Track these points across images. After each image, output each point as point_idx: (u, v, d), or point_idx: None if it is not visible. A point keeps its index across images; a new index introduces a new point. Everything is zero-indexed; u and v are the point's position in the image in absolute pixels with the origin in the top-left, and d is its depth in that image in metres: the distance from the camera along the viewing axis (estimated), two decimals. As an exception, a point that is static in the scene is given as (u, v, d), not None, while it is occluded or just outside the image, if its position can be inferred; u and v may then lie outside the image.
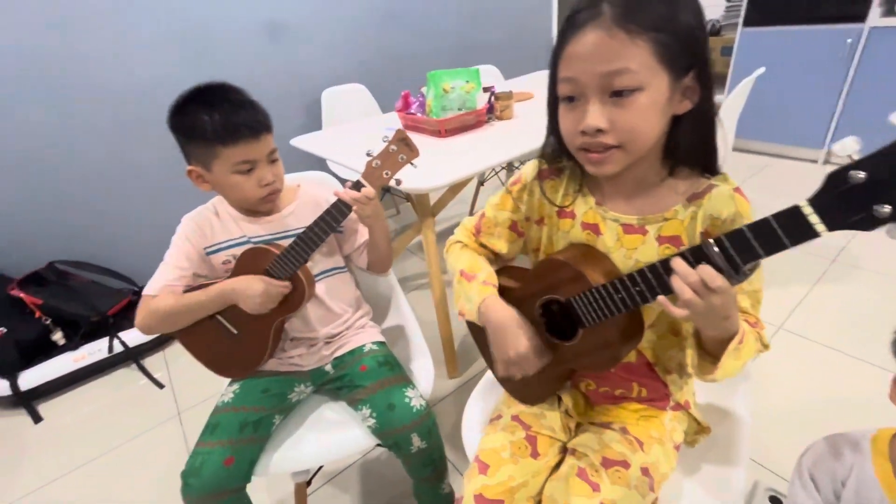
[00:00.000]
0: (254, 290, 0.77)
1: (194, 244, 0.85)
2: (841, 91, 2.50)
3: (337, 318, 0.93)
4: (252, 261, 0.81)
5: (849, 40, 2.39)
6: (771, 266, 1.67)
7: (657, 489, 0.63)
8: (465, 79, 1.43)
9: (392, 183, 0.81)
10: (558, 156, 0.63)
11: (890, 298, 1.60)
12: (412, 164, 0.81)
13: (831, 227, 0.38)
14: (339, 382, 0.88)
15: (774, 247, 0.41)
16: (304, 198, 0.91)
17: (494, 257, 0.76)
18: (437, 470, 0.87)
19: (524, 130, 1.51)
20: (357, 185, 0.78)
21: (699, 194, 0.57)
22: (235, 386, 0.87)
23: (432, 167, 1.21)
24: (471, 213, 2.65)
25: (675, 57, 0.48)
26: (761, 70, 1.56)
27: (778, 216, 0.40)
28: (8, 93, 1.62)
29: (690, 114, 0.52)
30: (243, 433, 0.78)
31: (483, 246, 0.75)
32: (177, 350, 1.85)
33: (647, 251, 0.59)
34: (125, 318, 1.83)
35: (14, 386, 1.57)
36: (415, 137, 1.55)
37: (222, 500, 0.76)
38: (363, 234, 0.95)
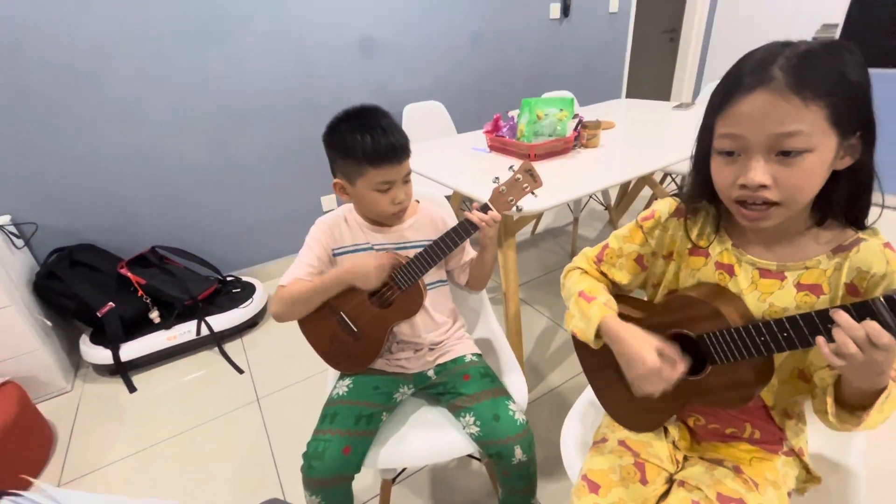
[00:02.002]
0: (368, 264, 0.86)
1: (325, 246, 0.93)
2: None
3: (439, 328, 1.00)
4: (381, 265, 0.89)
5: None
6: None
7: (772, 531, 0.64)
8: (559, 107, 1.49)
9: (514, 210, 0.87)
10: (698, 198, 0.67)
11: None
12: (533, 193, 0.86)
13: None
14: (441, 388, 0.94)
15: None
16: (423, 214, 0.98)
17: (612, 287, 0.79)
18: (531, 485, 0.91)
19: (610, 160, 1.54)
20: (485, 208, 0.84)
21: (846, 247, 0.58)
22: (348, 380, 0.94)
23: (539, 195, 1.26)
24: (533, 232, 2.69)
25: (846, 119, 0.51)
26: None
27: None
28: (136, 94, 1.83)
29: (850, 169, 0.55)
30: (358, 425, 0.85)
31: (603, 274, 0.79)
32: (254, 338, 1.98)
33: (783, 297, 0.61)
34: (212, 303, 1.98)
35: (116, 356, 1.73)
36: (502, 159, 1.62)
37: (336, 486, 0.82)
38: (469, 252, 1.01)
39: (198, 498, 1.27)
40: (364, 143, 0.81)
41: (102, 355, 1.73)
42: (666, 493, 0.71)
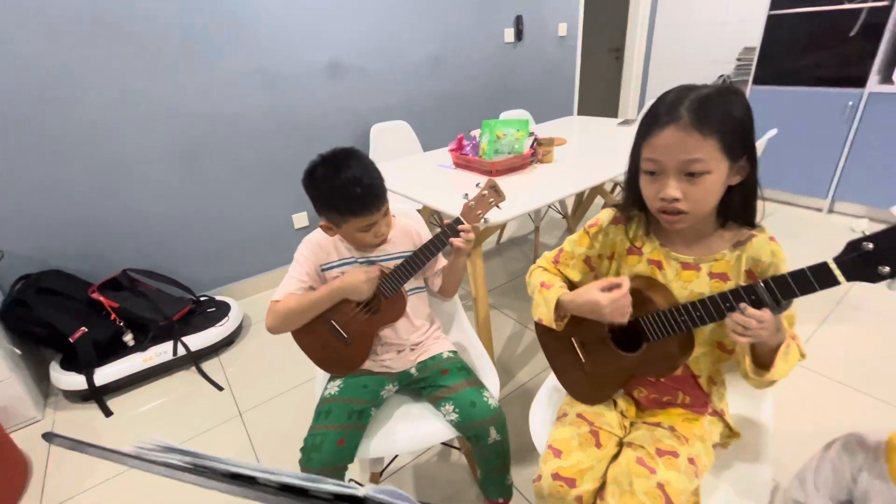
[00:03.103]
0: (359, 279, 0.95)
1: (313, 262, 1.03)
2: (843, 148, 2.73)
3: (418, 330, 1.10)
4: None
5: (850, 103, 2.63)
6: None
7: (700, 476, 0.79)
8: (516, 128, 1.64)
9: (482, 223, 0.99)
10: (631, 207, 0.82)
11: (888, 338, 1.76)
12: (498, 206, 0.99)
13: (848, 278, 0.56)
14: (422, 383, 1.04)
15: (807, 290, 0.59)
16: (399, 227, 1.09)
17: (568, 284, 0.93)
18: (505, 463, 1.02)
19: (563, 173, 1.71)
20: (457, 222, 0.96)
21: (743, 242, 0.75)
22: (339, 381, 1.03)
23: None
24: (498, 241, 2.85)
25: (734, 147, 0.67)
26: (773, 132, 1.77)
27: (811, 268, 0.58)
28: (103, 120, 1.85)
29: (740, 185, 0.71)
30: (350, 420, 0.94)
31: (560, 272, 0.93)
32: (232, 356, 2.01)
33: (700, 284, 0.77)
34: (187, 323, 2.00)
35: (90, 381, 1.72)
36: (466, 175, 1.76)
37: (332, 476, 0.91)
38: (441, 261, 1.13)
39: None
40: (343, 196, 0.90)
41: (75, 381, 1.72)
42: (617, 455, 0.84)
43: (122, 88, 1.85)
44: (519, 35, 3.07)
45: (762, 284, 0.62)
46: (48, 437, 0.39)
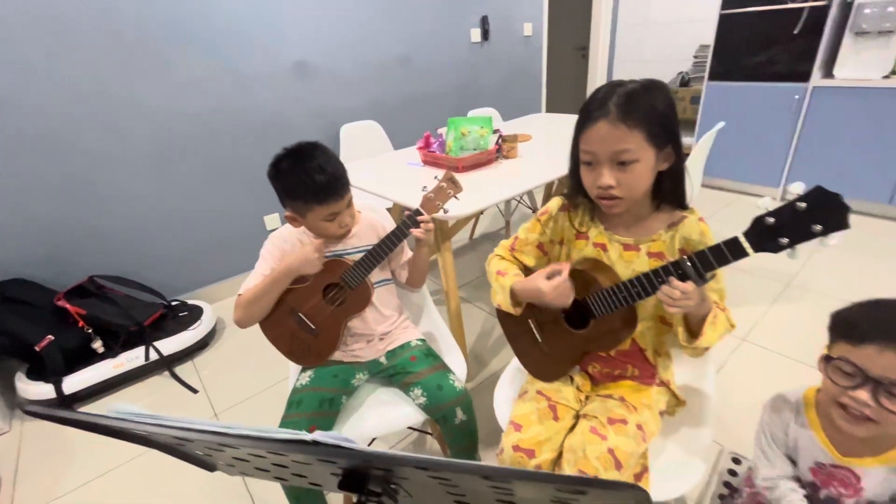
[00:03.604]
0: (307, 251, 0.99)
1: (278, 258, 1.05)
2: (792, 138, 2.89)
3: (387, 320, 1.14)
4: (331, 269, 1.03)
5: (796, 96, 2.79)
6: (737, 288, 1.95)
7: (648, 441, 0.85)
8: (479, 125, 1.70)
9: (441, 212, 1.04)
10: (576, 195, 0.88)
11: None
12: (456, 197, 1.05)
13: (755, 250, 0.63)
14: (391, 370, 1.08)
15: (722, 261, 0.66)
16: (364, 222, 1.12)
17: (524, 269, 0.99)
18: (474, 441, 1.07)
19: (526, 168, 1.77)
20: (417, 213, 1.01)
21: (675, 223, 0.82)
22: (310, 372, 1.06)
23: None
24: (471, 237, 2.90)
25: (659, 137, 0.74)
26: (721, 124, 1.88)
27: (725, 243, 0.65)
28: (68, 119, 1.82)
29: (668, 171, 0.78)
30: (321, 407, 0.97)
31: (516, 259, 0.98)
32: (206, 359, 2.00)
33: (640, 263, 0.83)
34: (159, 328, 1.98)
35: (59, 390, 1.70)
36: (433, 172, 1.81)
37: None
38: (407, 253, 1.17)
39: (164, 511, 1.31)
40: (307, 185, 0.93)
41: (42, 391, 1.69)
42: (573, 426, 0.90)
43: (85, 90, 1.82)
44: (485, 35, 3.14)
45: (686, 259, 0.68)
46: (28, 412, 0.42)
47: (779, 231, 0.60)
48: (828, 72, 2.72)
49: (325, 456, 0.37)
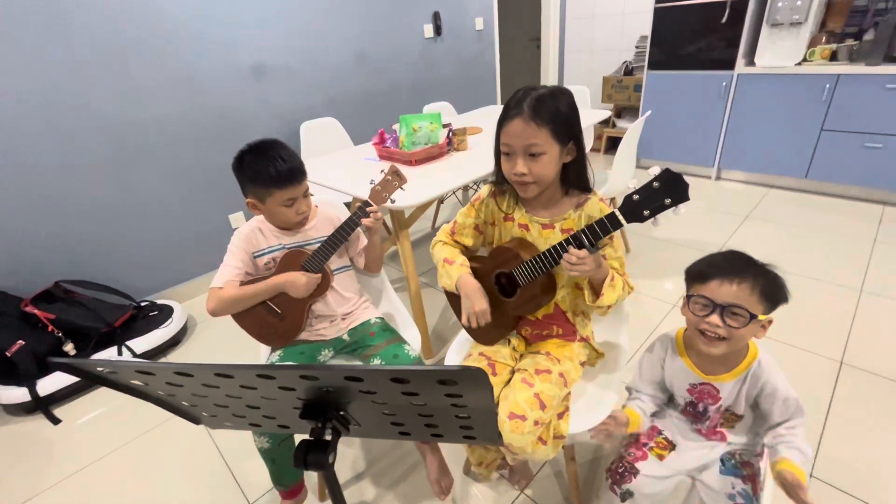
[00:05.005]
0: (300, 281, 1.12)
1: (245, 251, 1.16)
2: (722, 122, 3.16)
3: (347, 302, 1.27)
4: (293, 259, 1.15)
5: (724, 83, 3.05)
6: (667, 261, 2.15)
7: (569, 386, 1.03)
8: (429, 121, 1.83)
9: (388, 203, 1.18)
10: (502, 182, 1.03)
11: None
12: (402, 188, 1.18)
13: (627, 221, 0.79)
14: (354, 346, 1.22)
15: (606, 231, 0.82)
16: (321, 216, 1.24)
17: (465, 249, 1.14)
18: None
19: (476, 159, 1.92)
20: (366, 204, 1.13)
21: (582, 204, 0.98)
22: (279, 352, 1.18)
23: (407, 190, 1.59)
24: (433, 226, 3.04)
25: (561, 134, 0.89)
26: (649, 113, 2.08)
27: (607, 216, 0.81)
28: (21, 129, 1.84)
29: (573, 162, 0.94)
30: (291, 381, 1.10)
31: (457, 242, 1.13)
32: (179, 355, 2.08)
33: (555, 238, 0.99)
34: (130, 328, 2.04)
35: (33, 392, 1.75)
36: (389, 166, 1.93)
37: (279, 437, 1.07)
38: (362, 241, 1.30)
39: (156, 497, 1.41)
40: (269, 171, 1.05)
41: (16, 394, 1.74)
42: (510, 381, 1.06)
43: (35, 103, 1.84)
44: (438, 30, 3.25)
45: (580, 231, 0.85)
46: (51, 363, 0.53)
47: (642, 205, 0.77)
48: (750, 60, 2.99)
49: (279, 374, 0.50)
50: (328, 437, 0.59)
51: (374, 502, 1.31)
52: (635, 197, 0.77)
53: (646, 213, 0.77)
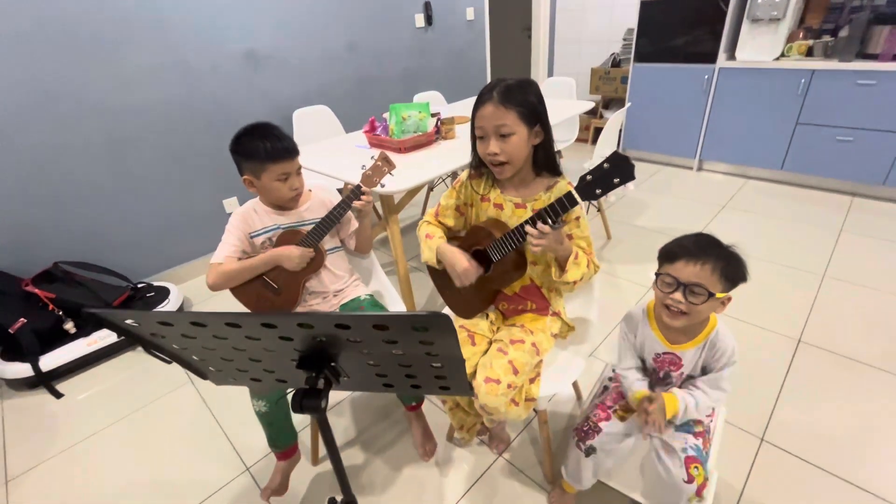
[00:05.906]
0: (294, 254, 1.20)
1: (242, 230, 1.24)
2: (704, 114, 3.26)
3: (339, 279, 1.36)
4: (289, 238, 1.23)
5: (706, 76, 3.14)
6: (653, 246, 2.24)
7: (541, 354, 1.13)
8: (418, 110, 1.91)
9: (378, 187, 1.26)
10: (479, 165, 1.12)
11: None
12: (391, 173, 1.27)
13: (583, 199, 0.89)
14: (344, 320, 1.31)
15: (565, 209, 0.91)
16: (315, 199, 1.32)
17: (448, 230, 1.23)
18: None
19: (463, 147, 1.99)
20: (358, 188, 1.22)
21: (551, 185, 1.08)
22: (274, 325, 1.27)
23: (396, 176, 1.67)
24: (423, 213, 3.13)
25: (528, 118, 0.99)
26: (629, 104, 2.17)
27: (565, 195, 0.91)
28: (19, 113, 1.89)
29: (541, 144, 1.04)
30: (286, 350, 1.19)
31: (441, 223, 1.23)
32: (176, 334, 2.15)
33: (527, 217, 1.09)
34: (128, 308, 2.11)
35: (36, 367, 1.82)
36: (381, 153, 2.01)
37: (277, 404, 1.16)
38: (353, 224, 1.39)
39: (158, 461, 1.50)
40: (265, 146, 1.14)
41: (20, 369, 1.81)
42: (487, 351, 1.16)
43: (30, 87, 1.88)
44: (429, 20, 3.30)
45: (543, 210, 0.94)
46: (86, 314, 0.62)
47: (594, 184, 0.87)
48: (731, 54, 3.08)
49: (280, 321, 0.59)
50: (321, 387, 0.68)
51: (364, 465, 1.42)
52: (588, 177, 0.87)
53: (598, 191, 0.87)
